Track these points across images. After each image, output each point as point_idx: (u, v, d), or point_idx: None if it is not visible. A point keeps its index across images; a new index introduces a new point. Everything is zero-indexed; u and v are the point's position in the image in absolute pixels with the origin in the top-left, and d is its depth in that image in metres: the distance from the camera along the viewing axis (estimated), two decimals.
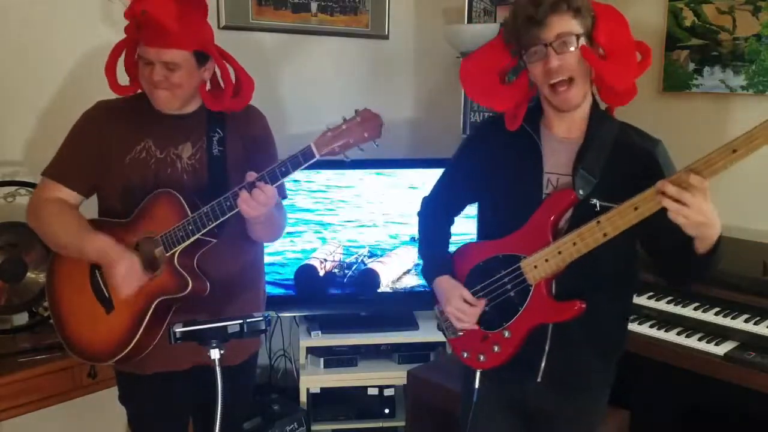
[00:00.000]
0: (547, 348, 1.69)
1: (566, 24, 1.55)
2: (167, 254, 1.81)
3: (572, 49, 1.56)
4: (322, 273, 2.99)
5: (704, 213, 1.40)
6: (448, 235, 1.91)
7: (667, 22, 2.76)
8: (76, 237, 1.84)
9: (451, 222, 1.93)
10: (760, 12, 2.54)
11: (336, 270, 3.00)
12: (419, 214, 1.94)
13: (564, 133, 1.70)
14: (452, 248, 1.86)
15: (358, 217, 2.99)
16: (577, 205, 1.62)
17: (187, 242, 1.79)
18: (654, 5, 2.79)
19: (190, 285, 1.80)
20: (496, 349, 1.71)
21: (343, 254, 3.00)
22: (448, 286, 1.76)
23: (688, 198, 1.39)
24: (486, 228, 1.82)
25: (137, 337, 1.82)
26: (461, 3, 3.26)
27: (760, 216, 2.59)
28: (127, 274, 1.78)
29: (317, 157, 1.70)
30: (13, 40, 2.50)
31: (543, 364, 1.70)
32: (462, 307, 1.72)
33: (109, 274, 1.81)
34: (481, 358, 1.74)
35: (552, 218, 1.63)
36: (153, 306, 1.82)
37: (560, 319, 1.64)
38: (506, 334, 1.69)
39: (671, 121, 2.78)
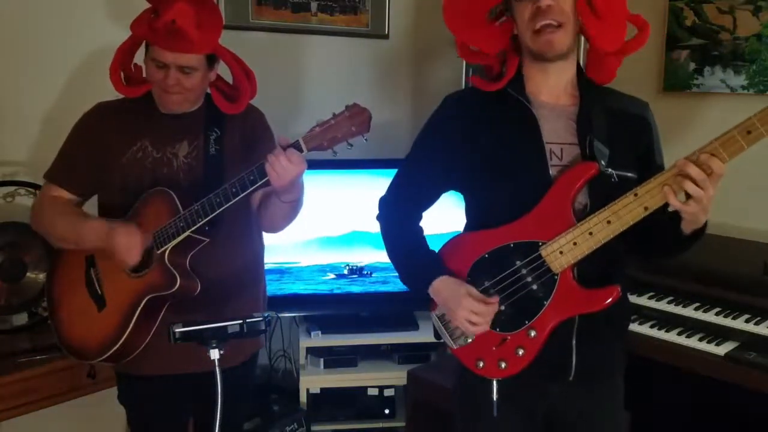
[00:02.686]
0: (574, 342, 1.52)
1: None
2: (158, 251, 1.81)
3: None
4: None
5: (711, 200, 1.34)
6: (423, 234, 1.67)
7: (668, 22, 2.76)
8: (72, 225, 1.86)
9: (421, 219, 1.69)
10: (761, 12, 2.54)
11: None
12: (380, 218, 1.69)
13: (551, 99, 1.56)
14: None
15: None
16: (593, 179, 1.46)
17: (178, 239, 1.79)
18: (654, 5, 2.79)
19: (178, 282, 1.79)
20: (520, 352, 1.50)
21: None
22: (450, 287, 1.54)
23: (708, 185, 1.32)
24: (479, 215, 1.61)
25: (126, 335, 1.83)
26: None
27: (760, 216, 2.59)
28: (127, 241, 1.77)
29: (305, 151, 1.69)
30: (15, 39, 2.49)
31: (574, 360, 1.53)
32: (476, 307, 1.49)
33: (110, 248, 1.78)
34: (503, 365, 1.52)
35: (572, 195, 1.46)
36: (142, 303, 1.82)
37: (595, 308, 1.46)
38: (532, 333, 1.49)
39: (672, 121, 2.77)
